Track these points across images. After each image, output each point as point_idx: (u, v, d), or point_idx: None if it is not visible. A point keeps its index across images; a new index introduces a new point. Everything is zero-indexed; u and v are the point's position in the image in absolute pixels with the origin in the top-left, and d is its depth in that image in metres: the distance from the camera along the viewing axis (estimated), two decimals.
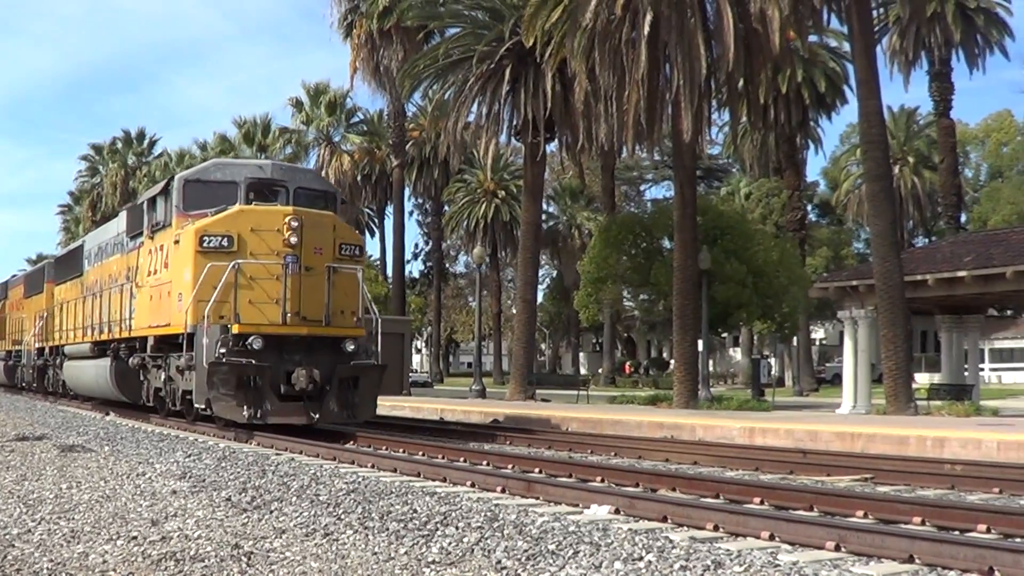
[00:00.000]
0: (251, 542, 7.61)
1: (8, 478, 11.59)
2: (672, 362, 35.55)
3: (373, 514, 8.87)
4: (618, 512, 9.16)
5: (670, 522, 8.59)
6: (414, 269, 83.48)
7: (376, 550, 7.33)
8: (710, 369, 40.72)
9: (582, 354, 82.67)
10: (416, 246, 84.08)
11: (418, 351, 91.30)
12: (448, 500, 9.82)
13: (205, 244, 16.98)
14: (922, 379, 40.57)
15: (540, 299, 65.35)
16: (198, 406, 17.27)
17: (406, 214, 61.53)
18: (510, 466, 13.18)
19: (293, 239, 16.89)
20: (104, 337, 23.00)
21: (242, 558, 7.05)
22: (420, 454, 14.92)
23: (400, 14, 43.33)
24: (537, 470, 12.68)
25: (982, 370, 49.78)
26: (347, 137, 58.41)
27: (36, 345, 32.22)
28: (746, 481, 11.60)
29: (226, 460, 13.35)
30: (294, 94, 57.71)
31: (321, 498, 9.87)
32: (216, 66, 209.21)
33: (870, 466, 13.19)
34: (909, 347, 26.86)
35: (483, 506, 9.40)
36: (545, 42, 30.59)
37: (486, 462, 13.77)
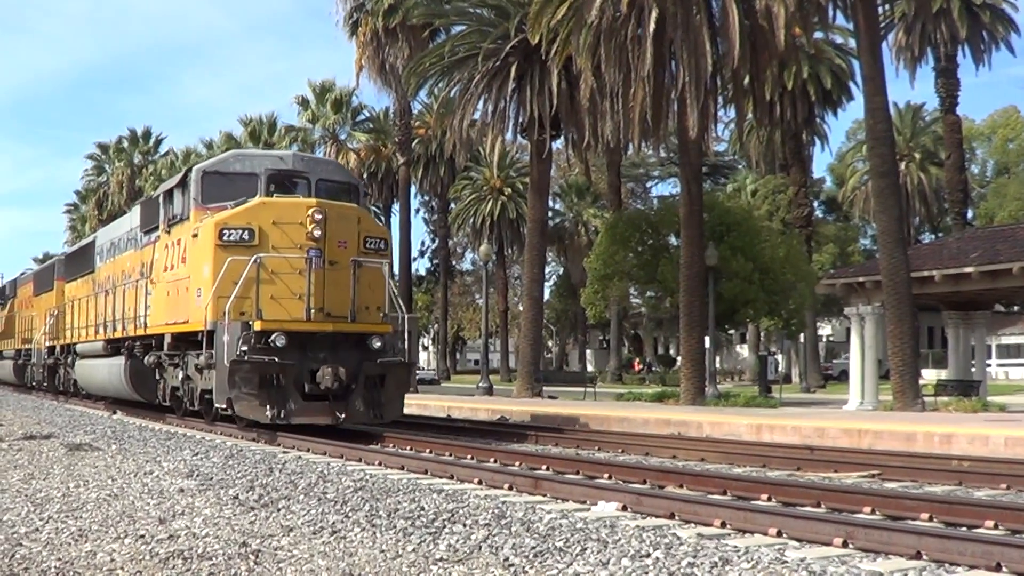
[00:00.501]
0: (258, 540, 7.61)
1: (16, 477, 11.61)
2: (679, 359, 35.54)
3: (380, 512, 8.87)
4: (625, 509, 9.15)
5: (677, 519, 8.59)
6: (420, 267, 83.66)
7: (384, 547, 7.34)
8: (717, 366, 40.63)
9: (589, 351, 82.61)
10: (423, 243, 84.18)
11: (425, 348, 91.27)
12: (455, 497, 9.82)
13: (225, 238, 16.39)
14: (929, 375, 40.45)
15: (547, 296, 65.22)
16: (219, 406, 16.80)
17: (412, 212, 61.79)
18: (517, 463, 13.18)
19: (317, 232, 16.22)
20: (118, 335, 22.39)
21: (249, 556, 7.05)
22: (427, 451, 14.91)
23: (406, 12, 43.39)
24: (544, 467, 12.67)
25: (989, 366, 49.69)
26: (353, 135, 58.52)
27: (46, 343, 31.60)
28: (753, 478, 11.60)
29: (233, 458, 13.36)
30: (300, 92, 57.93)
31: (328, 496, 9.87)
32: (222, 64, 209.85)
33: (877, 462, 13.18)
34: (916, 343, 26.83)
35: (490, 503, 9.40)
36: (551, 39, 30.57)
37: (493, 459, 13.78)
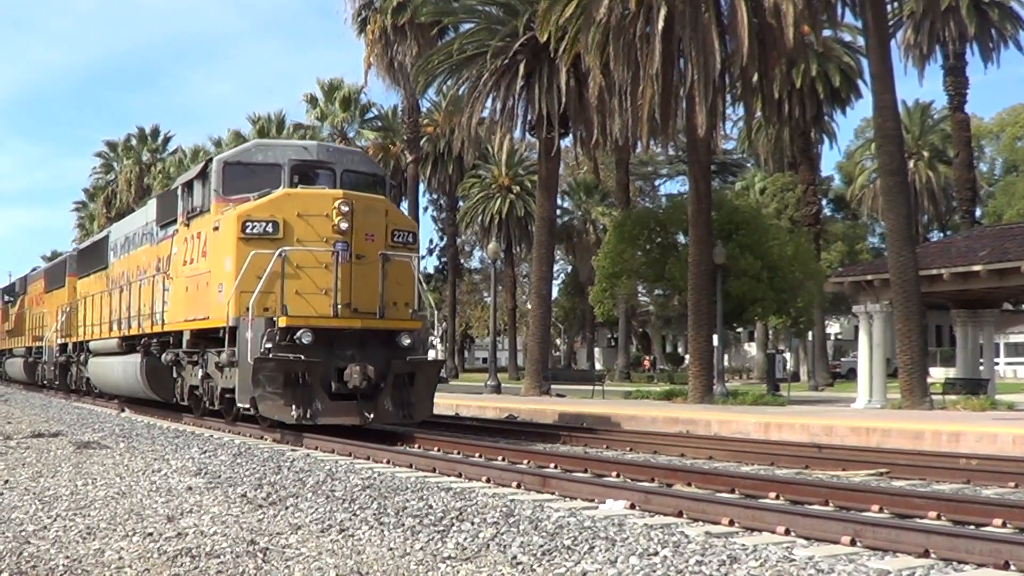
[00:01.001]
0: (266, 538, 7.63)
1: (24, 475, 11.64)
2: (687, 357, 35.48)
3: (388, 510, 8.88)
4: (633, 507, 9.16)
5: (686, 517, 8.59)
6: (429, 264, 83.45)
7: (392, 546, 7.34)
8: (725, 364, 40.55)
9: (597, 349, 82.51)
10: (431, 241, 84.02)
11: (433, 347, 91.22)
12: (463, 496, 9.82)
13: (248, 230, 15.84)
14: (937, 373, 40.38)
15: (555, 294, 65.23)
16: (241, 405, 16.26)
17: (421, 209, 61.59)
18: (525, 461, 13.18)
19: (343, 225, 15.73)
20: (133, 332, 21.81)
21: (257, 554, 7.06)
22: (436, 449, 14.91)
23: (414, 9, 43.44)
24: (552, 465, 12.67)
25: (997, 364, 49.40)
26: (361, 133, 58.44)
27: (58, 341, 31.18)
28: (761, 476, 11.59)
29: (241, 456, 13.38)
30: (308, 90, 57.90)
31: (336, 494, 9.88)
32: (230, 62, 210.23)
33: (885, 460, 13.18)
34: (924, 341, 26.78)
35: (498, 501, 9.41)
36: (559, 37, 30.53)
37: (501, 457, 13.77)
